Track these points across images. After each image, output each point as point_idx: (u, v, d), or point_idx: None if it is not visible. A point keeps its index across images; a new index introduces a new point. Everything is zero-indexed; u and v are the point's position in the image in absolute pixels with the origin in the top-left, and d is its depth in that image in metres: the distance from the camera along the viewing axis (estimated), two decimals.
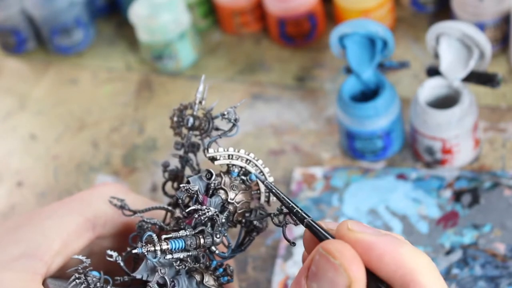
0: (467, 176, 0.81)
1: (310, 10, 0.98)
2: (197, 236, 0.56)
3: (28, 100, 1.04)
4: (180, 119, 0.61)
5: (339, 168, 0.85)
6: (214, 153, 0.57)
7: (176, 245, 0.54)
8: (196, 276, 0.56)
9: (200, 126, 0.60)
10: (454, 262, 0.74)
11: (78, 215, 0.60)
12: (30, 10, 1.05)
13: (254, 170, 0.58)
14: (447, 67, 0.80)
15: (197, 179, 0.57)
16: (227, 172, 0.58)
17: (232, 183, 0.57)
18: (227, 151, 0.58)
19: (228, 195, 0.57)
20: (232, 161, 0.58)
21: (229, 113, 0.58)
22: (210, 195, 0.57)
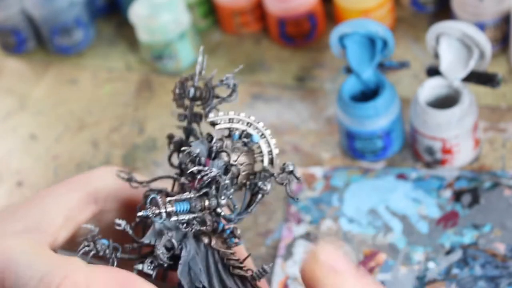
0: (467, 176, 0.81)
1: (310, 10, 0.98)
2: (202, 198, 0.55)
3: (28, 100, 1.04)
4: (182, 90, 0.61)
5: (339, 168, 0.85)
6: (214, 117, 0.58)
7: (181, 207, 0.54)
8: (203, 238, 0.56)
9: (202, 96, 0.60)
10: (454, 262, 0.74)
11: (79, 191, 0.60)
12: (30, 10, 1.05)
13: (255, 133, 0.58)
14: (447, 67, 0.80)
15: (199, 143, 0.57)
16: (229, 136, 0.58)
17: (234, 146, 0.58)
18: (227, 115, 0.58)
19: (230, 157, 0.57)
20: (233, 125, 0.58)
21: (227, 79, 0.59)
22: (213, 158, 0.57)
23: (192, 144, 0.57)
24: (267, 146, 0.59)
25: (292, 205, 0.82)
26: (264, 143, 0.59)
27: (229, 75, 0.59)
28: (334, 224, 0.80)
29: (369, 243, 0.77)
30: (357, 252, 0.77)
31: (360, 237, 0.78)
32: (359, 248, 0.77)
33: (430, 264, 0.75)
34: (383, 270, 0.75)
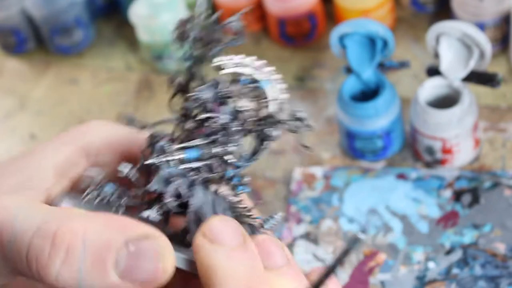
0: (467, 176, 0.81)
1: (310, 10, 0.98)
2: (210, 145, 0.54)
3: (28, 100, 1.04)
4: (183, 30, 0.58)
5: (339, 168, 0.85)
6: (220, 62, 0.55)
7: (190, 155, 0.53)
8: (211, 186, 0.55)
9: (205, 38, 0.58)
10: (454, 262, 0.74)
11: (70, 145, 0.59)
12: (30, 10, 1.05)
13: (263, 77, 0.56)
14: (447, 67, 0.81)
15: (205, 89, 0.55)
16: (235, 81, 0.56)
17: (241, 91, 0.56)
18: (233, 59, 0.56)
19: (238, 103, 0.55)
20: (240, 69, 0.56)
21: (232, 22, 0.57)
22: (220, 104, 0.55)
23: (197, 89, 0.55)
24: (275, 92, 0.57)
25: (292, 205, 0.82)
26: (271, 89, 0.57)
27: (234, 18, 0.57)
28: (334, 224, 0.80)
29: (369, 243, 0.77)
30: (357, 252, 0.77)
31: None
32: (359, 248, 0.77)
33: (430, 264, 0.75)
34: (383, 270, 0.75)
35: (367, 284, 0.74)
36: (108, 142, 0.60)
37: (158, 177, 0.53)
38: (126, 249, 0.47)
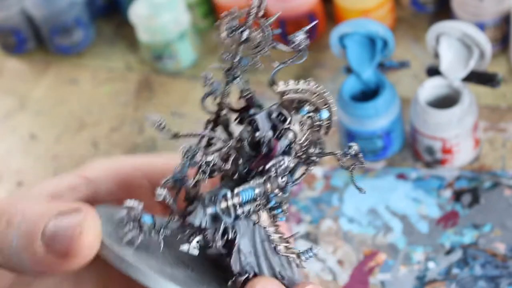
0: (467, 176, 0.81)
1: (310, 10, 0.98)
2: (265, 183, 0.52)
3: (28, 100, 1.04)
4: (231, 29, 0.53)
5: (339, 168, 0.84)
6: (284, 87, 0.52)
7: (246, 197, 0.51)
8: (252, 216, 0.53)
9: (255, 41, 0.54)
10: (454, 262, 0.74)
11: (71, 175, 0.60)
12: (30, 10, 1.05)
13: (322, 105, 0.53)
14: (447, 67, 0.81)
15: (266, 119, 0.52)
16: (295, 108, 0.53)
17: (300, 120, 0.53)
18: (297, 84, 0.52)
19: (296, 135, 0.53)
20: (301, 96, 0.53)
21: (299, 41, 0.53)
22: (278, 137, 0.52)
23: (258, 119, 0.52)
24: (328, 116, 0.54)
25: (292, 205, 0.82)
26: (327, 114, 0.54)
27: (299, 33, 0.53)
28: (334, 224, 0.80)
29: (369, 243, 0.77)
30: (357, 252, 0.77)
31: (360, 237, 0.78)
32: (359, 248, 0.77)
33: (430, 264, 0.75)
34: (383, 270, 0.75)
35: (367, 284, 0.74)
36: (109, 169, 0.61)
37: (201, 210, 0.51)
38: (54, 221, 0.48)
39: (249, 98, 0.55)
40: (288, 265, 0.55)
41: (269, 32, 0.54)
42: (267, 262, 0.54)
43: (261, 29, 0.54)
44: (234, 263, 0.53)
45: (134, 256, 0.50)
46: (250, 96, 0.55)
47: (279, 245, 0.54)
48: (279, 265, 0.55)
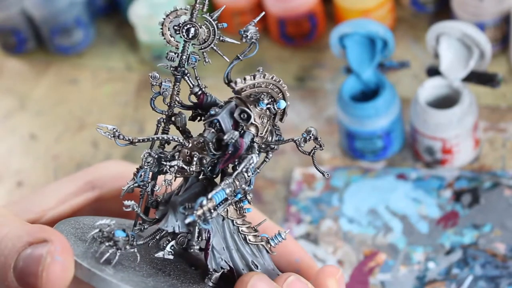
0: (467, 176, 0.81)
1: (310, 10, 0.98)
2: (234, 181, 0.52)
3: (28, 100, 1.04)
4: (176, 27, 0.54)
5: (339, 168, 0.85)
6: (242, 84, 0.52)
7: (219, 199, 0.51)
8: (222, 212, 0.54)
9: (202, 36, 0.54)
10: (454, 262, 0.74)
11: (77, 179, 0.61)
12: (30, 10, 1.05)
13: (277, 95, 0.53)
14: (447, 67, 0.81)
15: (227, 118, 0.52)
16: (253, 102, 0.53)
17: (260, 113, 0.53)
18: (253, 79, 0.52)
19: (258, 129, 0.53)
20: (258, 89, 0.52)
21: (250, 33, 0.53)
22: (241, 134, 0.52)
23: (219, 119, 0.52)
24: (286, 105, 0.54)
25: (292, 205, 0.82)
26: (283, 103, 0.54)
27: (250, 26, 0.53)
28: (334, 224, 0.80)
29: (369, 243, 0.77)
30: (357, 252, 0.77)
31: (360, 237, 0.78)
32: (359, 248, 0.77)
33: (430, 264, 0.75)
34: (383, 270, 0.75)
35: (367, 284, 0.74)
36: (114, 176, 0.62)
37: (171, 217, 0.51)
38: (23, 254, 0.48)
39: (201, 94, 0.55)
40: (259, 253, 0.56)
41: (215, 27, 0.53)
42: (238, 253, 0.55)
43: (207, 24, 0.53)
44: (209, 262, 0.53)
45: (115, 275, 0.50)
46: (202, 92, 0.55)
47: (248, 235, 0.55)
48: (250, 255, 0.55)
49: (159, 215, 0.53)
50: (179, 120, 0.55)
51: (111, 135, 0.53)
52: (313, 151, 0.55)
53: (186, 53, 0.55)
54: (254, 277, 0.52)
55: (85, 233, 0.54)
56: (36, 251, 0.48)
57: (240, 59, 0.54)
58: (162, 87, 0.54)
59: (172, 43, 0.55)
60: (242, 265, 0.55)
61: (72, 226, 0.54)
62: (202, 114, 0.55)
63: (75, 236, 0.53)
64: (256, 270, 0.55)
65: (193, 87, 0.55)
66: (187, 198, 0.52)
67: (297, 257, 0.60)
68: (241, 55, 0.54)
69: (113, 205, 0.63)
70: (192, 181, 0.54)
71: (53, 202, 0.59)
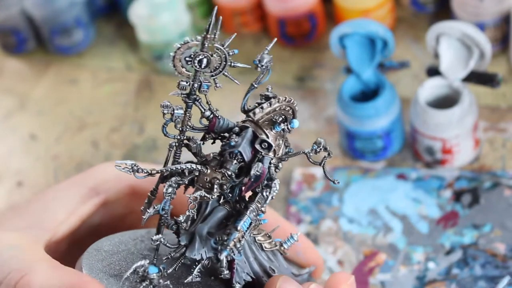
0: (467, 176, 0.81)
1: (310, 10, 0.98)
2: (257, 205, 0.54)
3: (28, 100, 1.04)
4: (188, 58, 0.54)
5: (339, 168, 0.85)
6: (261, 113, 0.54)
7: (246, 227, 0.53)
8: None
9: (214, 66, 0.55)
10: (454, 262, 0.74)
11: (80, 185, 0.61)
12: (30, 10, 1.05)
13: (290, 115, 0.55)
14: (447, 67, 0.81)
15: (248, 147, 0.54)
16: (268, 125, 0.54)
17: (275, 136, 0.55)
18: (269, 106, 0.54)
19: (275, 153, 0.55)
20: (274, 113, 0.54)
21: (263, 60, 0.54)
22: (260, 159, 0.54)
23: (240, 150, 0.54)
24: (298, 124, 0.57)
25: (292, 205, 0.82)
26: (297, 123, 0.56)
27: (264, 54, 0.54)
28: (334, 224, 0.80)
29: (369, 243, 0.77)
30: (357, 252, 0.77)
31: (360, 237, 0.78)
32: (359, 248, 0.77)
33: (430, 264, 0.75)
34: (383, 270, 0.75)
35: (367, 284, 0.74)
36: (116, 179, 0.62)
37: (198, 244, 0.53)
38: None
39: (213, 117, 0.56)
40: (275, 256, 0.57)
41: (226, 55, 0.55)
42: (256, 262, 0.56)
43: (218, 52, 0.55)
44: (235, 280, 0.55)
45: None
46: (214, 116, 0.56)
47: (264, 243, 0.57)
48: (267, 261, 0.57)
49: (184, 242, 0.55)
50: (195, 146, 0.56)
51: (129, 171, 0.54)
52: (323, 161, 0.57)
53: (197, 81, 0.56)
54: (281, 279, 0.54)
55: (111, 264, 0.55)
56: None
57: (255, 87, 0.56)
58: (175, 114, 0.56)
59: (183, 74, 0.55)
60: (261, 272, 0.57)
61: (96, 259, 0.55)
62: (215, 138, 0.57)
63: (104, 273, 0.54)
64: (274, 274, 0.57)
65: (205, 111, 0.56)
66: (214, 226, 0.54)
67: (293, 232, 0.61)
68: (255, 83, 0.56)
69: (118, 208, 0.63)
70: (212, 204, 0.56)
71: (62, 215, 0.59)
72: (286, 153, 0.56)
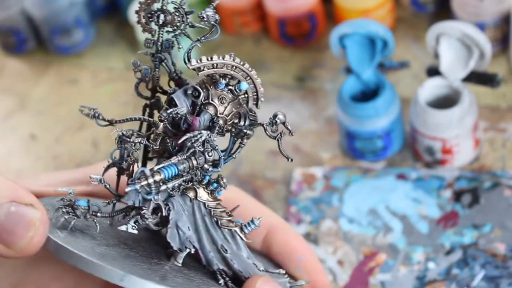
0: (467, 176, 0.81)
1: (310, 10, 0.98)
2: (189, 158, 0.52)
3: (28, 100, 1.04)
4: (149, 14, 0.56)
5: (339, 168, 0.85)
6: (198, 63, 0.53)
7: (169, 173, 0.52)
8: (189, 193, 0.54)
9: (173, 22, 0.55)
10: (454, 262, 0.74)
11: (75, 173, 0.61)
12: (30, 10, 1.05)
13: (241, 77, 0.54)
14: (447, 67, 0.81)
15: (182, 96, 0.54)
16: (213, 83, 0.54)
17: (220, 94, 0.54)
18: (211, 60, 0.53)
19: (217, 109, 0.54)
20: (218, 70, 0.53)
21: (208, 16, 0.54)
22: (198, 113, 0.53)
23: (174, 97, 0.53)
24: (253, 88, 0.55)
25: (292, 205, 0.82)
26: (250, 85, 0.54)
27: (209, 10, 0.54)
28: (334, 224, 0.80)
29: (369, 243, 0.77)
30: (357, 252, 0.77)
31: (360, 237, 0.78)
32: (359, 248, 0.77)
33: (430, 264, 0.75)
34: (383, 270, 0.75)
35: (367, 285, 0.74)
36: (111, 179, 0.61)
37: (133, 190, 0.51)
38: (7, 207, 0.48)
39: (178, 79, 0.56)
40: (232, 238, 0.55)
41: (184, 13, 0.55)
42: (207, 236, 0.55)
43: (176, 11, 0.55)
44: (171, 239, 0.53)
45: (64, 238, 0.51)
46: (178, 77, 0.56)
47: (221, 219, 0.55)
48: (221, 239, 0.55)
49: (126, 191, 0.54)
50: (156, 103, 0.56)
51: (91, 116, 0.55)
52: (278, 134, 0.55)
53: (161, 39, 0.56)
54: (262, 279, 0.52)
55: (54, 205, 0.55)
56: (24, 212, 0.48)
57: (200, 41, 0.55)
58: (143, 73, 0.57)
59: (147, 30, 0.56)
60: (210, 248, 0.55)
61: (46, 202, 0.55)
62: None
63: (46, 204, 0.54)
64: (225, 254, 0.55)
65: (171, 72, 0.56)
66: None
67: (300, 254, 0.60)
68: (201, 38, 0.55)
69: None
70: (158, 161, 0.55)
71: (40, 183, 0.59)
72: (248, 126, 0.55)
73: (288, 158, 0.55)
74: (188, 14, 0.55)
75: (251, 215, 0.58)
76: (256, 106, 0.56)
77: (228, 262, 0.54)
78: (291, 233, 0.60)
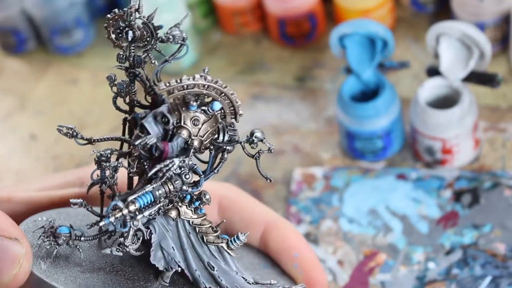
0: (467, 176, 0.81)
1: (310, 10, 0.98)
2: (165, 184, 0.51)
3: (28, 100, 1.04)
4: (118, 30, 0.55)
5: (339, 168, 0.85)
6: (166, 87, 0.51)
7: (144, 202, 0.51)
8: (171, 213, 0.53)
9: (143, 38, 0.54)
10: (454, 262, 0.74)
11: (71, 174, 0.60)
12: (30, 10, 1.05)
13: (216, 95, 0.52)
14: (447, 67, 0.81)
15: (153, 121, 0.52)
16: (185, 103, 0.52)
17: (193, 116, 0.52)
18: (180, 82, 0.51)
19: (190, 132, 0.52)
20: (190, 91, 0.51)
21: (174, 36, 0.53)
22: (170, 138, 0.52)
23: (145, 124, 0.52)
24: (229, 103, 0.53)
25: (292, 205, 0.82)
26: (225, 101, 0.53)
27: (175, 28, 0.53)
28: (334, 224, 0.80)
29: (369, 243, 0.77)
30: (357, 252, 0.77)
31: (360, 237, 0.78)
32: (359, 248, 0.77)
33: (430, 264, 0.75)
34: (383, 270, 0.75)
35: (367, 285, 0.74)
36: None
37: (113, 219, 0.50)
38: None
39: (153, 94, 0.55)
40: (219, 254, 0.55)
41: (152, 29, 0.54)
42: (194, 254, 0.54)
43: (143, 27, 0.54)
44: (155, 261, 0.53)
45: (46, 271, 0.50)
46: (154, 93, 0.54)
47: (207, 236, 0.54)
48: (208, 256, 0.54)
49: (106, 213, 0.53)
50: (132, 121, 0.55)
51: (69, 135, 0.54)
52: (257, 153, 0.54)
53: (132, 55, 0.55)
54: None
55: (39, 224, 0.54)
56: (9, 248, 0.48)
57: (168, 61, 0.54)
58: (118, 87, 0.55)
59: (118, 46, 0.55)
60: (196, 266, 0.54)
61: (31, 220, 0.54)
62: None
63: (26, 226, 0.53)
64: (213, 271, 0.54)
65: (146, 87, 0.55)
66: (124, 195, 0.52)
67: (296, 251, 0.59)
68: (170, 58, 0.54)
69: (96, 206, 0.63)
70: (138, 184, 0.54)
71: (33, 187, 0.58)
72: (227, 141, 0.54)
73: (267, 179, 0.54)
74: (157, 30, 0.54)
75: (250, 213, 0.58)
76: (235, 120, 0.54)
77: (216, 279, 0.54)
78: (289, 230, 0.60)
